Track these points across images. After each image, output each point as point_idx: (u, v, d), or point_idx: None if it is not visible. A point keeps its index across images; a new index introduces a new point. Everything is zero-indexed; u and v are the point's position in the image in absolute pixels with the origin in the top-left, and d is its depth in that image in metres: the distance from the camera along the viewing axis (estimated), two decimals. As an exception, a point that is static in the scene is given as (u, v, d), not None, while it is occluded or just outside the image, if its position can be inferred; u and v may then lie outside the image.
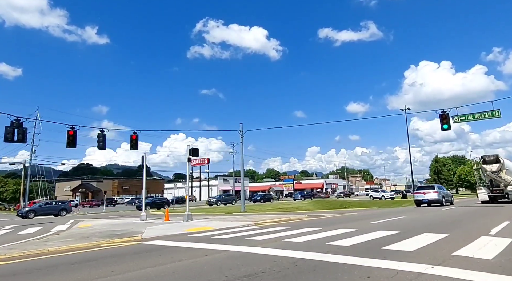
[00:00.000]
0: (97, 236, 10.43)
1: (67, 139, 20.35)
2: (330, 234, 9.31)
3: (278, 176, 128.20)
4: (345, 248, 6.94)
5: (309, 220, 15.76)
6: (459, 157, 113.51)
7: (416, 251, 6.31)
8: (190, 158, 15.94)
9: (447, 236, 8.31)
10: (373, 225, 11.97)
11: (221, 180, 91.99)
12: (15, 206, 54.61)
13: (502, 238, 7.61)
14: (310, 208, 35.60)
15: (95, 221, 18.59)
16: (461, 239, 7.78)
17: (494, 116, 20.87)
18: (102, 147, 21.58)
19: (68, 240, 9.61)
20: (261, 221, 14.66)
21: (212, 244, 8.13)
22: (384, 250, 6.52)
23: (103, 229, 13.10)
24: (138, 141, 22.18)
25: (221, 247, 7.52)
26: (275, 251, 6.68)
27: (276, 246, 7.38)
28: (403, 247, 6.74)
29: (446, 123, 22.01)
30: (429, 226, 10.91)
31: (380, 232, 9.38)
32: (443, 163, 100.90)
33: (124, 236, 10.34)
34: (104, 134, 21.56)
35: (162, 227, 12.84)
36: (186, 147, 16.93)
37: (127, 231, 11.70)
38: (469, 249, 6.39)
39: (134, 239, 9.72)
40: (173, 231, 11.62)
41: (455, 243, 7.13)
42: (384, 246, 6.93)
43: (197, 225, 13.26)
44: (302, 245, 7.50)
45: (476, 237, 8.03)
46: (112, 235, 10.76)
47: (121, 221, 17.47)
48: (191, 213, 15.49)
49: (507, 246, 6.69)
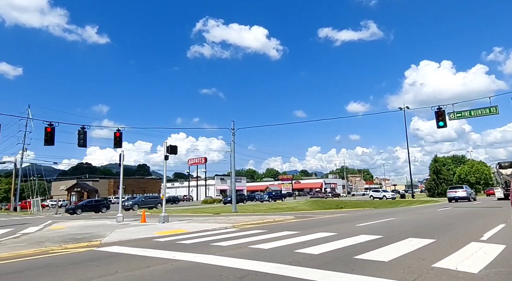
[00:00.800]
0: (53, 241, 9.56)
1: (45, 136, 19.52)
2: (305, 239, 8.43)
3: (277, 175, 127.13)
4: (313, 257, 6.06)
5: (294, 222, 14.87)
6: (459, 156, 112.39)
7: (391, 262, 5.42)
8: (167, 155, 15.04)
9: (433, 241, 7.43)
10: (357, 228, 11.10)
11: (218, 179, 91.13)
12: (6, 205, 53.75)
13: (493, 245, 6.73)
14: (305, 208, 34.77)
15: (72, 223, 17.72)
16: (448, 245, 6.90)
17: (491, 112, 19.96)
18: (83, 144, 20.73)
19: (17, 246, 8.74)
20: (241, 223, 13.78)
21: (169, 251, 7.25)
22: (355, 260, 5.64)
23: (69, 232, 12.23)
24: (122, 138, 21.36)
25: (174, 255, 6.64)
26: (230, 261, 5.80)
27: (236, 255, 6.49)
28: (379, 256, 5.86)
29: (442, 120, 21.13)
30: (417, 229, 10.03)
31: (361, 237, 8.51)
32: (443, 163, 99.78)
33: (83, 240, 9.47)
34: (85, 132, 20.71)
35: (132, 230, 11.96)
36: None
37: (91, 235, 10.83)
38: (454, 259, 5.51)
39: (91, 244, 8.86)
40: (141, 234, 10.74)
41: (439, 251, 6.25)
42: (357, 255, 6.05)
43: (171, 228, 12.38)
44: (266, 253, 6.62)
45: (465, 243, 7.16)
46: (72, 239, 9.89)
47: (96, 223, 16.60)
48: (167, 215, 14.59)
49: (498, 255, 5.81)
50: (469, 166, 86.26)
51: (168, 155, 14.96)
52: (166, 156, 14.92)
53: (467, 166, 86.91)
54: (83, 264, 6.11)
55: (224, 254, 6.63)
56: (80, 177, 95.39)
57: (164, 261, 6.04)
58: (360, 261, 5.57)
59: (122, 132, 21.18)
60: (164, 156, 14.87)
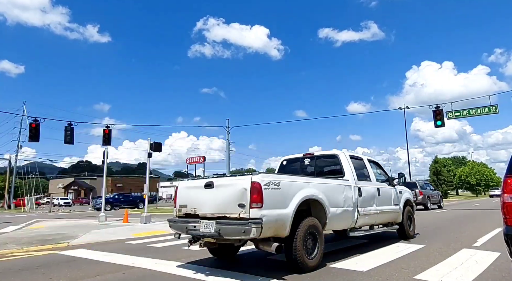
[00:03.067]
0: (19, 243, 8.98)
1: (30, 132, 18.98)
2: (285, 243, 7.81)
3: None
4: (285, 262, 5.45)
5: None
6: (459, 158, 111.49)
7: (369, 272, 4.82)
8: (151, 153, 14.46)
9: (422, 247, 6.81)
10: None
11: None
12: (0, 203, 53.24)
13: (487, 252, 6.11)
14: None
15: (55, 222, 17.16)
16: (437, 252, 6.28)
17: (491, 111, 19.33)
18: (70, 141, 20.13)
19: (-23, 247, 8.14)
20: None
21: (133, 256, 6.67)
22: (329, 269, 5.04)
23: (44, 232, 11.66)
24: (111, 136, 20.78)
25: (134, 261, 6.06)
26: (190, 270, 5.20)
27: (201, 261, 5.90)
28: (357, 265, 5.26)
29: (440, 119, 20.52)
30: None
31: (345, 241, 7.89)
32: (443, 164, 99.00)
33: (50, 242, 8.90)
34: (72, 128, 20.11)
35: (109, 231, 11.38)
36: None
37: (63, 236, 10.25)
38: (441, 269, 4.90)
39: (56, 247, 8.29)
40: (117, 235, 10.16)
41: (426, 259, 5.65)
42: (334, 262, 5.45)
43: (151, 229, 11.79)
44: (235, 259, 6.02)
45: (456, 249, 6.54)
46: (40, 240, 9.31)
47: (78, 222, 16.01)
48: (150, 215, 14.00)
49: (491, 264, 5.19)
50: (469, 168, 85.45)
51: (151, 153, 14.38)
52: (150, 153, 14.33)
53: (468, 168, 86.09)
54: (29, 271, 5.53)
55: (189, 260, 6.04)
56: (79, 175, 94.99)
57: (118, 268, 5.45)
58: (334, 271, 4.97)
59: (111, 129, 20.67)
60: (148, 153, 14.28)
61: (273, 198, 4.57)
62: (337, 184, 6.08)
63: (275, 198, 4.61)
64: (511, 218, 3.36)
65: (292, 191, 4.90)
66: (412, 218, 8.68)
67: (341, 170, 6.62)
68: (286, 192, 4.80)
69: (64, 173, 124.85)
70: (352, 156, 7.12)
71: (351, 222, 6.17)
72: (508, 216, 3.38)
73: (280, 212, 4.61)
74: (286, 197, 4.78)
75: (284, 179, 4.91)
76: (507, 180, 3.47)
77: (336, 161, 6.82)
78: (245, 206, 4.40)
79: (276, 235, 4.63)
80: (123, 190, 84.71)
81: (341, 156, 6.79)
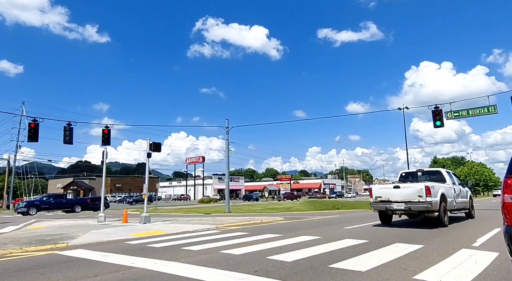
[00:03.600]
0: (19, 243, 8.96)
1: (28, 132, 18.91)
2: (284, 244, 7.83)
3: (276, 175, 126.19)
4: (284, 265, 5.46)
5: (281, 223, 14.25)
6: (458, 158, 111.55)
7: (368, 273, 4.82)
8: (150, 153, 14.44)
9: (421, 247, 6.82)
10: (344, 231, 10.49)
11: (216, 179, 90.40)
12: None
13: (486, 252, 6.13)
14: (301, 209, 34.05)
15: (54, 222, 17.12)
16: (436, 252, 6.30)
17: (490, 112, 19.34)
18: (69, 141, 20.05)
19: (-24, 248, 8.12)
20: (226, 224, 13.17)
21: (132, 256, 6.66)
22: (329, 270, 5.04)
23: (43, 232, 11.64)
24: (110, 136, 20.72)
25: (133, 261, 6.05)
26: (189, 270, 5.20)
27: (201, 262, 5.90)
28: (357, 265, 5.26)
29: (439, 119, 20.51)
30: (406, 233, 9.40)
31: (345, 241, 7.91)
32: (442, 164, 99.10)
33: (50, 242, 8.88)
34: (71, 128, 20.07)
35: (108, 231, 11.36)
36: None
37: (62, 236, 10.23)
38: (440, 269, 4.91)
39: (55, 247, 8.28)
40: (116, 236, 10.14)
41: (425, 259, 5.65)
42: (334, 263, 5.45)
43: (150, 229, 11.77)
44: (234, 260, 6.02)
45: (455, 249, 6.56)
46: (39, 241, 9.29)
47: (76, 223, 15.98)
48: (149, 215, 13.96)
49: (490, 264, 5.20)
50: (468, 168, 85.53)
51: (151, 153, 14.36)
52: (149, 153, 14.31)
53: (467, 168, 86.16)
54: (28, 271, 5.52)
55: (188, 261, 6.03)
56: (78, 175, 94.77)
57: (117, 269, 5.45)
58: (334, 271, 4.97)
59: (110, 129, 20.63)
60: (147, 153, 14.26)
61: (433, 192, 10.07)
62: (448, 186, 11.51)
63: (433, 193, 10.11)
64: (511, 218, 3.38)
65: (436, 190, 10.38)
66: (473, 206, 14.33)
67: (444, 179, 11.99)
68: (436, 190, 10.34)
69: (63, 173, 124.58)
70: (446, 170, 12.77)
71: (453, 206, 11.58)
72: (508, 216, 3.40)
73: (435, 199, 10.15)
74: (437, 192, 10.33)
75: (435, 185, 10.59)
76: (507, 180, 3.49)
77: (440, 173, 12.40)
78: (422, 196, 10.06)
79: (434, 210, 10.15)
80: (122, 190, 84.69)
81: (442, 171, 12.57)
